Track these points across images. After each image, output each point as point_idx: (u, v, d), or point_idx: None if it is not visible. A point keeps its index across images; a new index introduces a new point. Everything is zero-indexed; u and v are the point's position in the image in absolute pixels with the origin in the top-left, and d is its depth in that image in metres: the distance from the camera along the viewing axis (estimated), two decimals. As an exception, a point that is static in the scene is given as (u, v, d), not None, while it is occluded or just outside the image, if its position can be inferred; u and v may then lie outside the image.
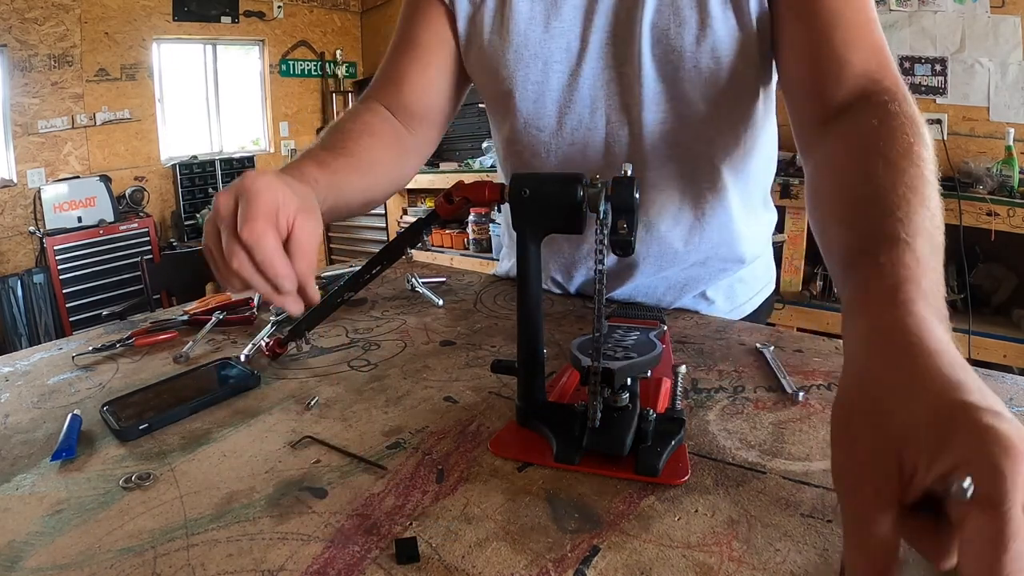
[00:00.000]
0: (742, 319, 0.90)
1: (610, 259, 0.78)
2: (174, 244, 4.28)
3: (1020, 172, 2.63)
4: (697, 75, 0.70)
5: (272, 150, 5.05)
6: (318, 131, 5.23)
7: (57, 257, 3.64)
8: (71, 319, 3.69)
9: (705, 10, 0.68)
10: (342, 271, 1.05)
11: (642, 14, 0.70)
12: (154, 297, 2.44)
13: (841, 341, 0.71)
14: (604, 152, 0.78)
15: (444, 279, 1.02)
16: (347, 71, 5.33)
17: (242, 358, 0.69)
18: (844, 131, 0.57)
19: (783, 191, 2.76)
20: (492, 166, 3.71)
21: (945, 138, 2.96)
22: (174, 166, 4.40)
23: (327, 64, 5.22)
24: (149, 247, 3.95)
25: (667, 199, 0.78)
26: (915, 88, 3.05)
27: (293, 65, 5.06)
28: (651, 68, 0.72)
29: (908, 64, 3.04)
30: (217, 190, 4.58)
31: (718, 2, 0.67)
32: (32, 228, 3.75)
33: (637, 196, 0.48)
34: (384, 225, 4.74)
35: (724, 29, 0.68)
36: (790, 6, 0.65)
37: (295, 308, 0.50)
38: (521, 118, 0.80)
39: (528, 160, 0.82)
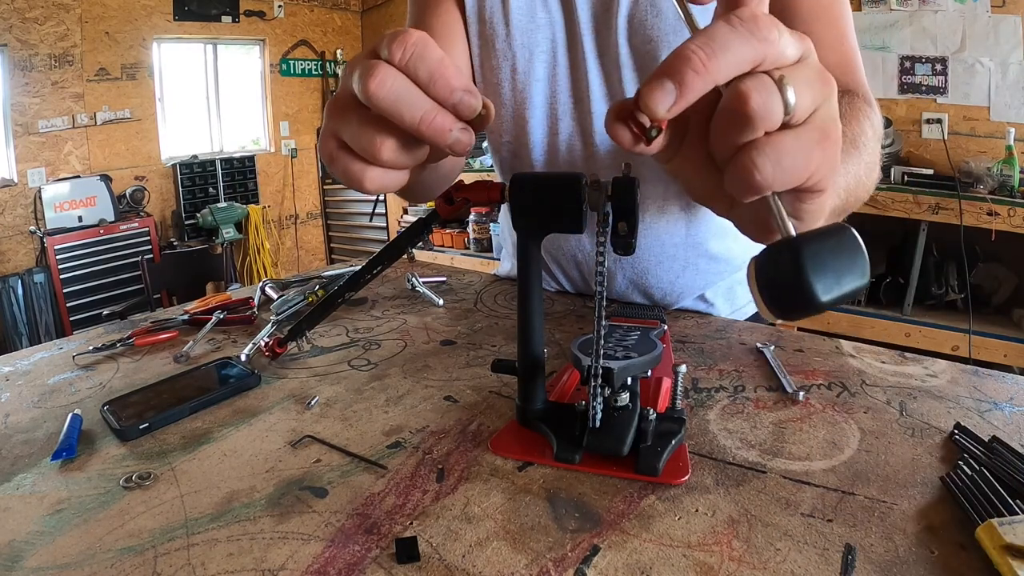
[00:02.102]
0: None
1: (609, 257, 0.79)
2: (174, 244, 4.28)
3: (1020, 172, 2.63)
4: None
5: (272, 149, 5.05)
6: (318, 131, 5.23)
7: (57, 257, 3.65)
8: (71, 319, 3.70)
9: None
10: (342, 271, 1.05)
11: (618, 5, 0.70)
12: (154, 297, 2.45)
13: (841, 341, 0.71)
14: (583, 144, 0.79)
15: (444, 279, 1.02)
16: (347, 71, 5.33)
17: (242, 358, 0.69)
18: None
19: (783, 191, 2.76)
20: (492, 166, 3.71)
21: (945, 138, 2.96)
22: (174, 165, 4.40)
23: (327, 63, 5.22)
24: (149, 247, 3.95)
25: (652, 191, 0.79)
26: (915, 87, 3.05)
27: (293, 64, 5.05)
28: (628, 59, 0.73)
29: (908, 64, 3.04)
30: (217, 190, 4.58)
31: None
32: (32, 228, 3.75)
33: (638, 196, 0.48)
34: (385, 225, 4.74)
35: (702, 18, 0.68)
36: None
37: (468, 139, 0.35)
38: (509, 108, 0.82)
39: (516, 151, 0.84)
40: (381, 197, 4.62)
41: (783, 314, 0.27)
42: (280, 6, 4.86)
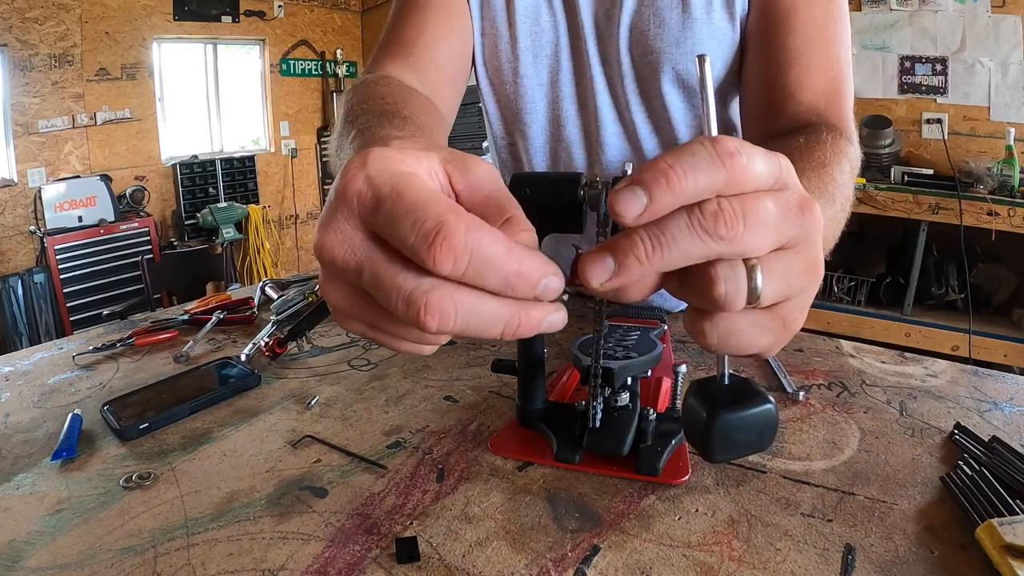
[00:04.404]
0: None
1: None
2: (174, 244, 4.28)
3: (1021, 172, 2.63)
4: (676, 78, 0.71)
5: (272, 149, 5.04)
6: (319, 131, 5.24)
7: (57, 256, 3.64)
8: (71, 318, 3.69)
9: (688, 12, 0.68)
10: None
11: (621, 13, 0.70)
12: (154, 297, 2.44)
13: (841, 341, 0.71)
14: (587, 152, 0.79)
15: (444, 279, 1.02)
16: (347, 70, 5.32)
17: (242, 357, 0.69)
18: (771, 146, 0.59)
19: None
20: (492, 166, 3.70)
21: (945, 138, 2.96)
22: (174, 165, 4.40)
23: (327, 63, 5.22)
24: (149, 247, 3.94)
25: None
26: (915, 87, 3.05)
27: (293, 64, 5.05)
28: (630, 69, 0.72)
29: (908, 64, 3.04)
30: (217, 190, 4.57)
31: (702, 5, 0.68)
32: (32, 227, 3.75)
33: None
34: (385, 225, 4.73)
35: (706, 31, 0.68)
36: (757, 34, 0.67)
37: (562, 319, 0.28)
38: (511, 111, 0.81)
39: (518, 155, 0.83)
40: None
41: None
42: (280, 6, 4.86)
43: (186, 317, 0.83)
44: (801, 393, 0.57)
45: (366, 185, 0.25)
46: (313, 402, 0.59)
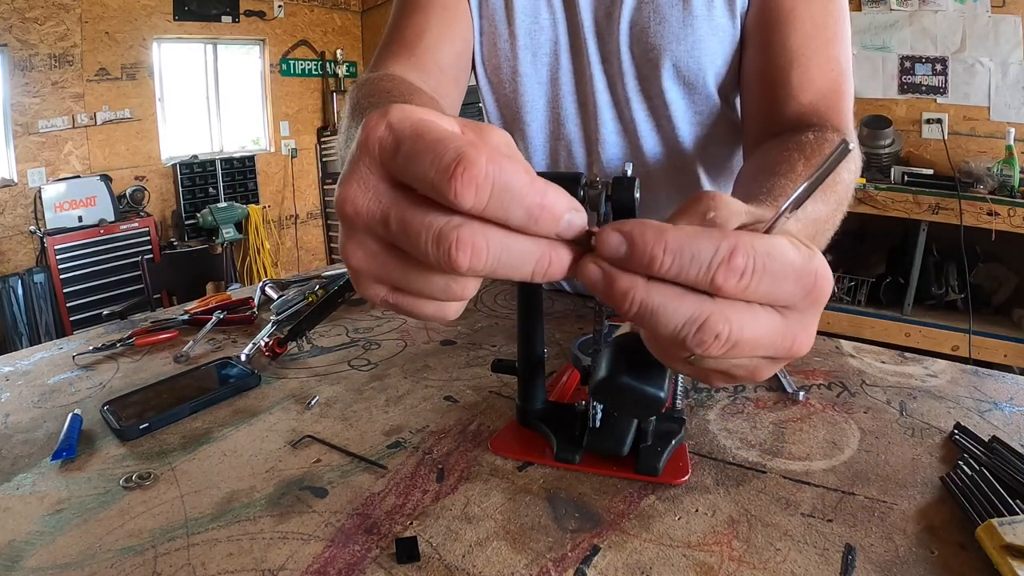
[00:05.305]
0: None
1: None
2: (174, 244, 4.28)
3: (1021, 172, 2.63)
4: (677, 74, 0.71)
5: (272, 149, 5.04)
6: (319, 131, 5.24)
7: (57, 256, 3.64)
8: (71, 318, 3.69)
9: (689, 8, 0.68)
10: (342, 271, 1.05)
11: (621, 10, 0.70)
12: (154, 297, 2.44)
13: (841, 340, 0.71)
14: (587, 151, 0.79)
15: (444, 279, 1.02)
16: (347, 70, 5.33)
17: (242, 357, 0.69)
18: (777, 140, 0.60)
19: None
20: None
21: (945, 138, 2.96)
22: (174, 165, 4.40)
23: (327, 63, 5.22)
24: (149, 247, 3.94)
25: (652, 198, 0.78)
26: (915, 87, 3.05)
27: (293, 64, 5.05)
28: (631, 66, 0.72)
29: (908, 64, 3.04)
30: (217, 190, 4.57)
31: (703, 1, 0.67)
32: (32, 227, 3.75)
33: (638, 196, 0.48)
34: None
35: (707, 28, 0.68)
36: (757, 34, 0.67)
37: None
38: (511, 109, 0.80)
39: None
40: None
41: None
42: (280, 6, 4.86)
43: (186, 317, 0.83)
44: (801, 393, 0.57)
45: (387, 131, 0.24)
46: (313, 402, 0.59)
